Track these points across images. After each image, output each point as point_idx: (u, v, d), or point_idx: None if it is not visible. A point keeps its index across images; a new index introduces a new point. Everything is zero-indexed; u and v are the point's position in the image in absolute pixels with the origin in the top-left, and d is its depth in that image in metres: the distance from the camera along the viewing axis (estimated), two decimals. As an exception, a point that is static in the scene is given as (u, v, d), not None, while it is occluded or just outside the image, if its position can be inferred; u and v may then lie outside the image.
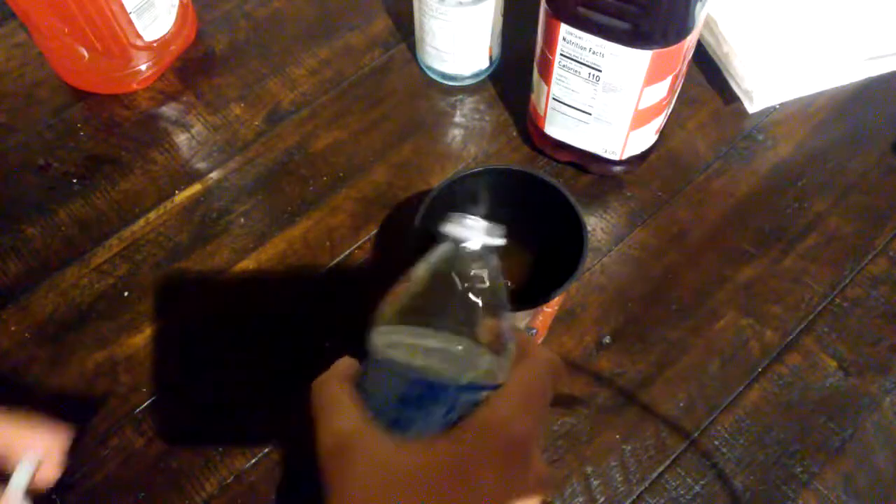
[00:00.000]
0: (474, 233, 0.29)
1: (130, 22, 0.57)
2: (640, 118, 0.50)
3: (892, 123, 0.60)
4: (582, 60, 0.47)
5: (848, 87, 0.61)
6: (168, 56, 0.61)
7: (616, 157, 0.54)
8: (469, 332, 0.28)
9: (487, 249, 0.30)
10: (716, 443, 0.48)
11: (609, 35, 0.45)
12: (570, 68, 0.48)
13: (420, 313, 0.29)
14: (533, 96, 0.55)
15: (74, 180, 0.57)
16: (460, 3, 0.53)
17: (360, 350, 0.30)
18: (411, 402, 0.28)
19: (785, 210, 0.56)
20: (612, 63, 0.46)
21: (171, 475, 0.47)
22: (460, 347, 0.28)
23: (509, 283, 0.50)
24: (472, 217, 0.30)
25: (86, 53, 0.58)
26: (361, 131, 0.59)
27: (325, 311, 0.52)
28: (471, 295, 0.28)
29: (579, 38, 0.46)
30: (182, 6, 0.61)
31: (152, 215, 0.56)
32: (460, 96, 0.61)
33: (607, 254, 0.54)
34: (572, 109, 0.51)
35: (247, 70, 0.62)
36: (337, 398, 0.29)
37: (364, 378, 0.29)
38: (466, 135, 0.59)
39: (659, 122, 0.52)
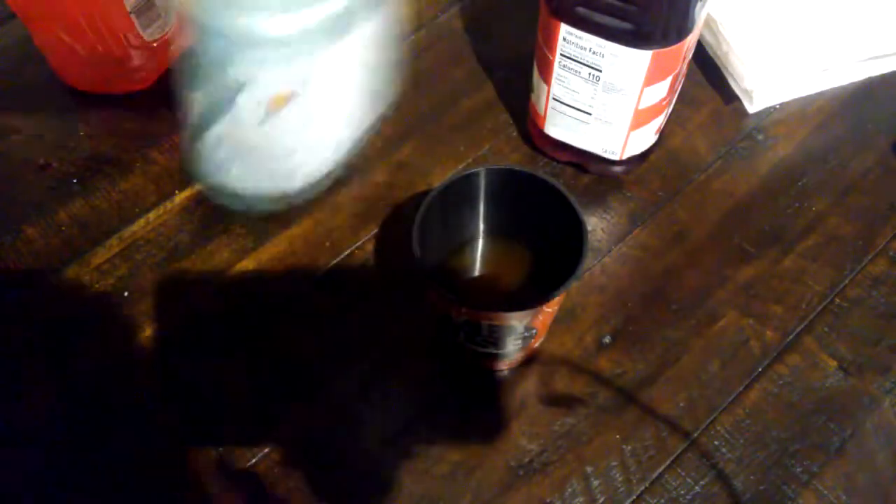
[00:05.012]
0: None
1: (130, 22, 0.57)
2: (640, 118, 0.50)
3: (892, 123, 0.60)
4: (582, 60, 0.47)
5: (848, 87, 0.61)
6: (168, 56, 0.61)
7: (616, 157, 0.54)
8: None
9: None
10: (716, 443, 0.48)
11: (609, 35, 0.45)
12: (570, 68, 0.48)
13: None
14: (533, 96, 0.55)
15: (74, 180, 0.57)
16: None
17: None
18: None
19: (785, 210, 0.56)
20: (613, 63, 0.46)
21: (172, 475, 0.47)
22: None
23: (509, 283, 0.50)
24: None
25: (86, 53, 0.58)
26: (361, 131, 0.59)
27: (325, 311, 0.52)
28: None
29: (579, 38, 0.46)
30: (182, 6, 0.61)
31: (152, 215, 0.56)
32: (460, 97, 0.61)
33: (607, 254, 0.54)
34: (572, 109, 0.51)
35: (247, 70, 0.62)
36: None
37: None
38: (466, 135, 0.59)
39: (659, 122, 0.52)
